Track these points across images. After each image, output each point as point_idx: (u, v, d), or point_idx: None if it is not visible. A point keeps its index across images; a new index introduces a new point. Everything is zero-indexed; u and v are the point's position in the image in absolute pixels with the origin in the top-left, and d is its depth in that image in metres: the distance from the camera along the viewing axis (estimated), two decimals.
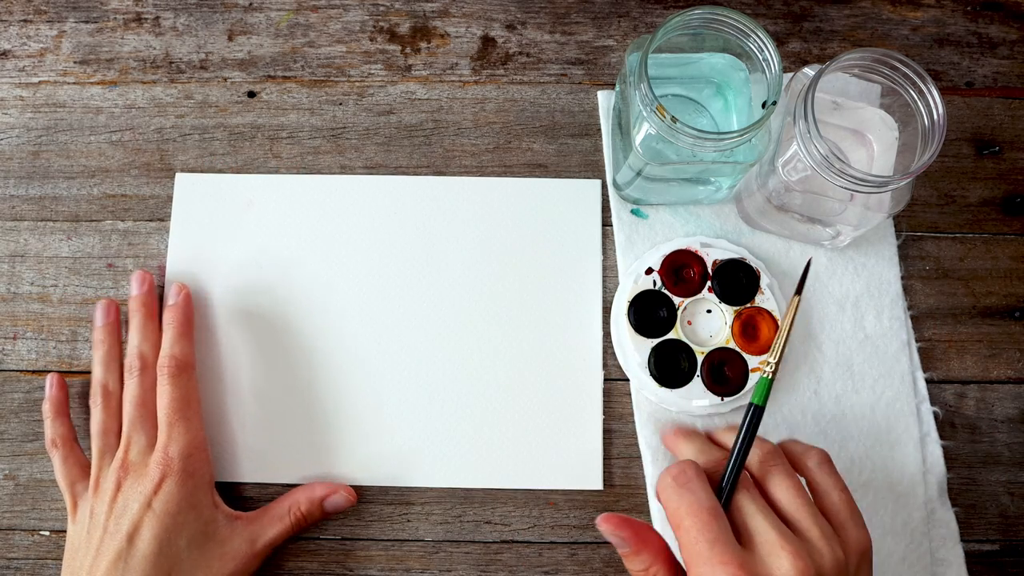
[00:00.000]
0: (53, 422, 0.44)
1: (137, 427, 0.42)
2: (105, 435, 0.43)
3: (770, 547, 0.32)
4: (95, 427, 0.43)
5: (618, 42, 0.51)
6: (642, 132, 0.41)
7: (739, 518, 0.34)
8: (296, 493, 0.43)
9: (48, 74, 0.51)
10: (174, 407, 0.42)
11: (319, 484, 0.44)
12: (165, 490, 0.40)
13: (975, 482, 0.46)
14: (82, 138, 0.50)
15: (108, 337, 0.45)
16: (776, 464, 0.36)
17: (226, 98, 0.50)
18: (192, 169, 0.49)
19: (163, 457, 0.41)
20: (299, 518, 0.43)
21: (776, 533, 0.33)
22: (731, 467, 0.36)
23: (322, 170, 0.49)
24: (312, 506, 0.43)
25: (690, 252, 0.46)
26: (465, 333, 0.47)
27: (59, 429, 0.44)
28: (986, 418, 0.47)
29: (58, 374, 0.45)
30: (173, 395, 0.42)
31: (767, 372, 0.38)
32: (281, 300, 0.47)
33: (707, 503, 0.33)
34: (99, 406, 0.43)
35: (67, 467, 0.43)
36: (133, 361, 0.44)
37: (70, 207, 0.49)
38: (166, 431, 0.42)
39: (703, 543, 0.32)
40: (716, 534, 0.32)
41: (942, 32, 0.52)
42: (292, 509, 0.43)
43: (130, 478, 0.41)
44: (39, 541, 0.45)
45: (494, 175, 0.49)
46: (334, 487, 0.43)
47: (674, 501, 0.34)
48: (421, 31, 0.51)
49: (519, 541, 0.45)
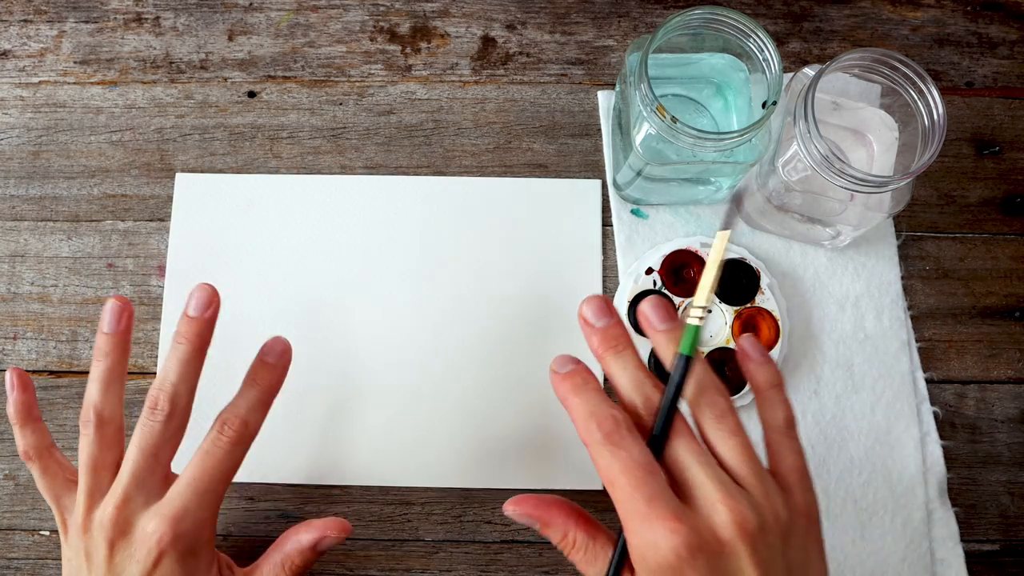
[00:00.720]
0: (23, 430, 0.38)
1: (143, 484, 0.35)
2: (96, 472, 0.36)
3: (710, 500, 0.30)
4: (84, 459, 0.36)
5: (618, 42, 0.51)
6: (642, 132, 0.41)
7: (676, 469, 0.32)
8: (285, 542, 0.39)
9: (48, 74, 0.50)
10: (216, 477, 0.35)
11: (305, 527, 0.39)
12: (164, 567, 0.34)
13: (975, 482, 0.46)
14: (82, 138, 0.49)
15: (115, 350, 0.37)
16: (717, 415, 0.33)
17: (226, 98, 0.50)
18: (192, 169, 0.49)
19: (170, 531, 0.34)
20: (294, 572, 0.38)
21: (716, 484, 0.30)
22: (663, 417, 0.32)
23: (322, 170, 0.49)
24: (305, 556, 0.39)
25: (690, 252, 0.46)
26: (465, 333, 0.47)
27: (31, 439, 0.38)
28: (986, 418, 0.47)
29: (18, 370, 0.39)
30: (225, 464, 0.36)
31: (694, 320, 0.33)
32: (281, 300, 0.47)
33: (641, 458, 0.31)
34: (90, 436, 0.36)
35: (48, 479, 0.38)
36: (162, 400, 0.36)
37: (70, 207, 0.49)
38: (182, 500, 0.35)
39: (639, 500, 0.30)
40: (652, 490, 0.30)
41: (942, 32, 0.52)
42: (285, 564, 0.38)
43: (123, 541, 0.35)
44: (39, 541, 0.45)
45: (494, 175, 0.49)
46: (324, 526, 0.39)
47: (605, 459, 0.31)
48: (421, 31, 0.51)
49: (519, 541, 0.45)
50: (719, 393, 0.33)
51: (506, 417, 0.46)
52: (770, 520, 0.31)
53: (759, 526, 0.30)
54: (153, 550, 0.34)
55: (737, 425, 0.33)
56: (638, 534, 0.30)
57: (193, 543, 0.35)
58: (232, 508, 0.43)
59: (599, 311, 0.35)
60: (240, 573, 0.39)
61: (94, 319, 0.47)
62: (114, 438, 0.37)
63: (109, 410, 0.37)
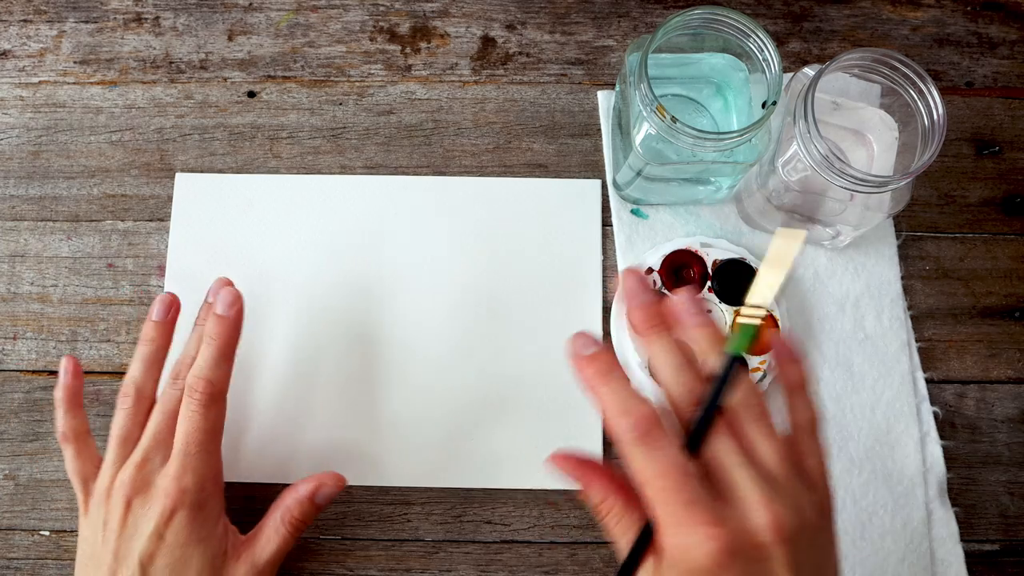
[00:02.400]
0: (67, 414, 0.41)
1: (160, 445, 0.39)
2: (124, 443, 0.40)
3: (750, 501, 0.30)
4: (117, 430, 0.40)
5: (618, 42, 0.51)
6: (642, 132, 0.41)
7: (715, 467, 0.31)
8: (283, 499, 0.41)
9: (48, 74, 0.50)
10: (198, 438, 0.39)
11: (302, 482, 0.41)
12: (176, 522, 0.38)
13: (975, 482, 0.46)
14: (82, 138, 0.49)
15: (160, 337, 0.42)
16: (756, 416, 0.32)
17: (226, 98, 0.50)
18: (192, 169, 0.49)
19: (176, 488, 0.38)
20: (295, 524, 0.41)
21: (756, 486, 0.30)
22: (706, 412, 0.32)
23: (322, 170, 0.49)
24: (303, 507, 0.41)
25: (690, 252, 0.46)
26: (465, 333, 0.47)
27: (72, 423, 0.41)
28: (986, 418, 0.46)
29: (74, 359, 0.42)
30: (201, 425, 0.39)
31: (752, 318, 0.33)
32: (280, 301, 0.47)
33: (678, 460, 0.30)
34: (127, 409, 0.40)
35: (80, 462, 0.40)
36: (195, 381, 0.39)
37: (70, 207, 0.49)
38: (181, 460, 0.38)
39: (678, 505, 0.29)
40: (690, 495, 0.29)
41: (942, 32, 0.52)
42: (285, 518, 0.41)
43: (140, 498, 0.38)
44: (39, 541, 0.45)
45: (494, 175, 0.49)
46: (319, 478, 0.41)
47: (640, 460, 0.30)
48: (421, 31, 0.51)
49: (519, 541, 0.45)
50: (757, 394, 0.33)
51: (506, 417, 0.46)
52: (804, 522, 0.31)
53: (795, 528, 0.30)
54: (167, 505, 0.38)
55: (773, 426, 0.33)
56: (674, 536, 0.30)
57: (199, 497, 0.38)
58: (232, 508, 0.43)
59: (637, 287, 0.35)
60: (241, 539, 0.41)
61: (94, 319, 0.47)
62: (144, 417, 0.40)
63: (148, 389, 0.41)
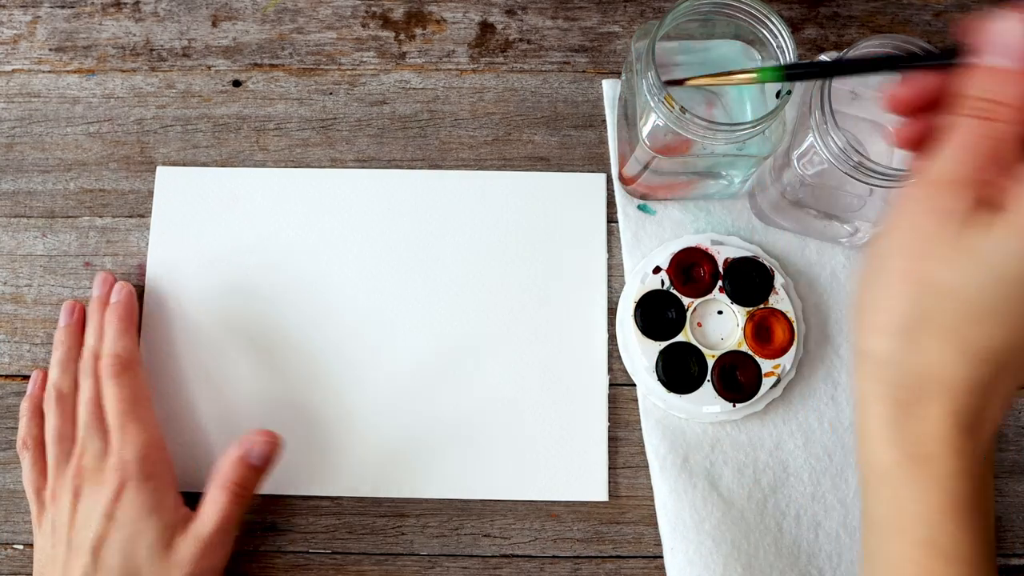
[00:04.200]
0: (29, 421, 0.43)
1: (92, 431, 0.41)
2: (61, 441, 0.42)
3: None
4: (50, 433, 0.42)
5: (624, 28, 0.50)
6: (649, 123, 0.40)
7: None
8: (218, 466, 0.41)
9: (22, 62, 0.50)
10: (122, 408, 0.41)
11: (232, 445, 0.41)
12: (126, 498, 0.39)
13: (1002, 493, 0.45)
14: (58, 130, 0.49)
15: (68, 339, 0.44)
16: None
17: (210, 87, 0.49)
18: (174, 162, 0.48)
19: (119, 462, 0.40)
20: (231, 490, 0.40)
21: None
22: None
23: (311, 163, 0.49)
24: (237, 470, 0.40)
25: (700, 250, 0.45)
26: (463, 336, 0.46)
27: (32, 429, 0.43)
28: (1013, 425, 0.45)
29: (44, 372, 0.44)
30: (120, 395, 0.41)
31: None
32: (267, 301, 0.46)
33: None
34: (53, 411, 0.42)
35: (35, 472, 0.42)
36: (88, 362, 0.43)
37: (45, 202, 0.48)
38: (118, 434, 0.41)
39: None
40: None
41: (966, 17, 0.50)
42: (221, 483, 0.40)
43: (87, 486, 0.40)
44: (12, 555, 0.44)
45: (493, 169, 0.48)
46: (248, 438, 0.41)
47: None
48: (416, 16, 0.50)
49: (520, 555, 0.44)
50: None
51: (505, 424, 0.45)
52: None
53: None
54: (113, 483, 0.39)
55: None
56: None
57: (143, 466, 0.40)
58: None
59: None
60: (189, 513, 0.41)
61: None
62: (72, 413, 0.43)
63: (67, 388, 0.43)
